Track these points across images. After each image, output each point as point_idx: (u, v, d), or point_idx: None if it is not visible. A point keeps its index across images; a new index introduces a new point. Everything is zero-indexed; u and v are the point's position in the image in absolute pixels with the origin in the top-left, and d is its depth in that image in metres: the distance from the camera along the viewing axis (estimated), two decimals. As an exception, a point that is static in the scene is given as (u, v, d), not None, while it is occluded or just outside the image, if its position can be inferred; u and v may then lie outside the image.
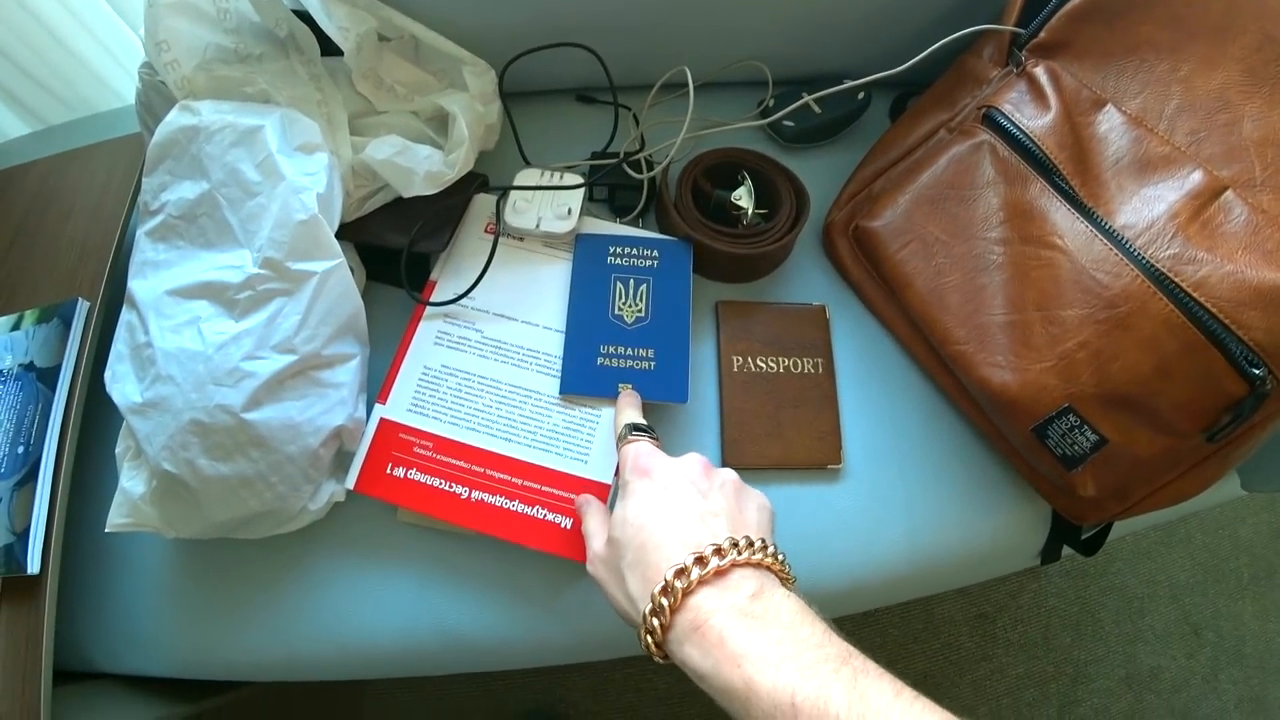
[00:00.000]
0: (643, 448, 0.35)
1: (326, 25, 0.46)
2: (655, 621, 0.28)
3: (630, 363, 0.47)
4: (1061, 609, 0.91)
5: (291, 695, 0.84)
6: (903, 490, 0.50)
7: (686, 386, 0.47)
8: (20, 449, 0.47)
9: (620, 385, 0.46)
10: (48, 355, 0.49)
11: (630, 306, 0.48)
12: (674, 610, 0.27)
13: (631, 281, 0.49)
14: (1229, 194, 0.41)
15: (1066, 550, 0.54)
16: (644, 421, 0.39)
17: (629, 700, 0.84)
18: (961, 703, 0.85)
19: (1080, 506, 0.47)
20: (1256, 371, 0.38)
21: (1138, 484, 0.45)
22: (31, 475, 0.45)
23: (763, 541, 0.30)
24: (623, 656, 0.49)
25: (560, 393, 0.46)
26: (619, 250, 0.50)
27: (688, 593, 0.27)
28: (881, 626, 0.88)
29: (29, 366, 0.49)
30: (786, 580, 0.30)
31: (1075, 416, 0.42)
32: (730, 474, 0.34)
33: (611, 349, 0.47)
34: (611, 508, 0.36)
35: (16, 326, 0.51)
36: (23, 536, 0.44)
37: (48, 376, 0.49)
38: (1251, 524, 0.98)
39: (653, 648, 0.28)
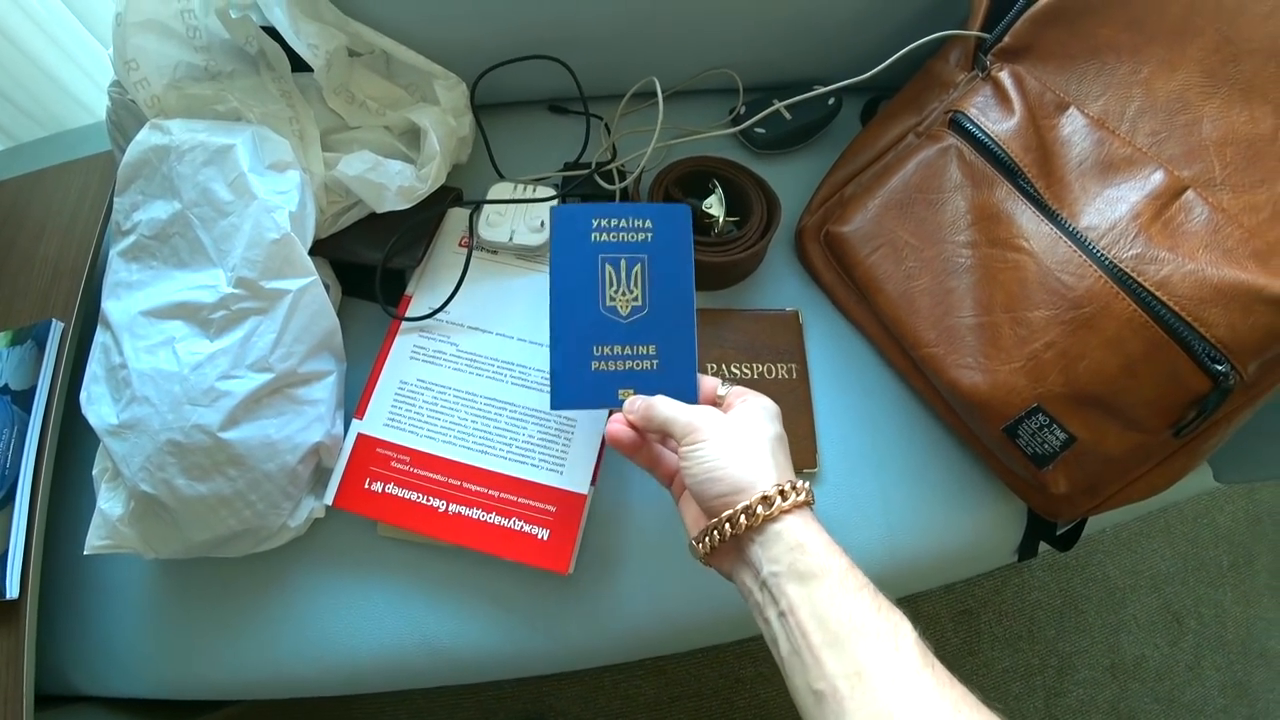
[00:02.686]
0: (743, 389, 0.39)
1: (295, 43, 0.46)
2: (780, 500, 0.32)
3: (630, 363, 0.40)
4: (1045, 602, 0.92)
5: (277, 713, 0.83)
6: (879, 492, 0.50)
7: (695, 385, 0.40)
8: (-4, 473, 0.46)
9: (621, 392, 0.40)
10: (22, 377, 0.49)
11: (624, 295, 0.41)
12: (782, 512, 0.32)
13: (623, 263, 0.41)
14: (1190, 193, 0.42)
15: (1045, 546, 0.54)
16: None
17: (617, 707, 0.84)
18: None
19: (1053, 503, 0.48)
20: (1220, 368, 0.39)
21: (1108, 480, 0.46)
22: (8, 499, 0.45)
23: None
24: (605, 665, 0.49)
25: (552, 408, 0.40)
26: (605, 223, 0.41)
27: (789, 510, 0.32)
28: (869, 624, 0.88)
29: (3, 390, 0.49)
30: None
31: (1044, 416, 0.43)
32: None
33: (607, 350, 0.40)
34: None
35: (-10, 349, 0.51)
36: (1, 560, 0.44)
37: (23, 399, 0.48)
38: (1229, 512, 1.00)
39: (743, 524, 0.32)
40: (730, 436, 0.34)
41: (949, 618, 0.90)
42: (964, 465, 0.52)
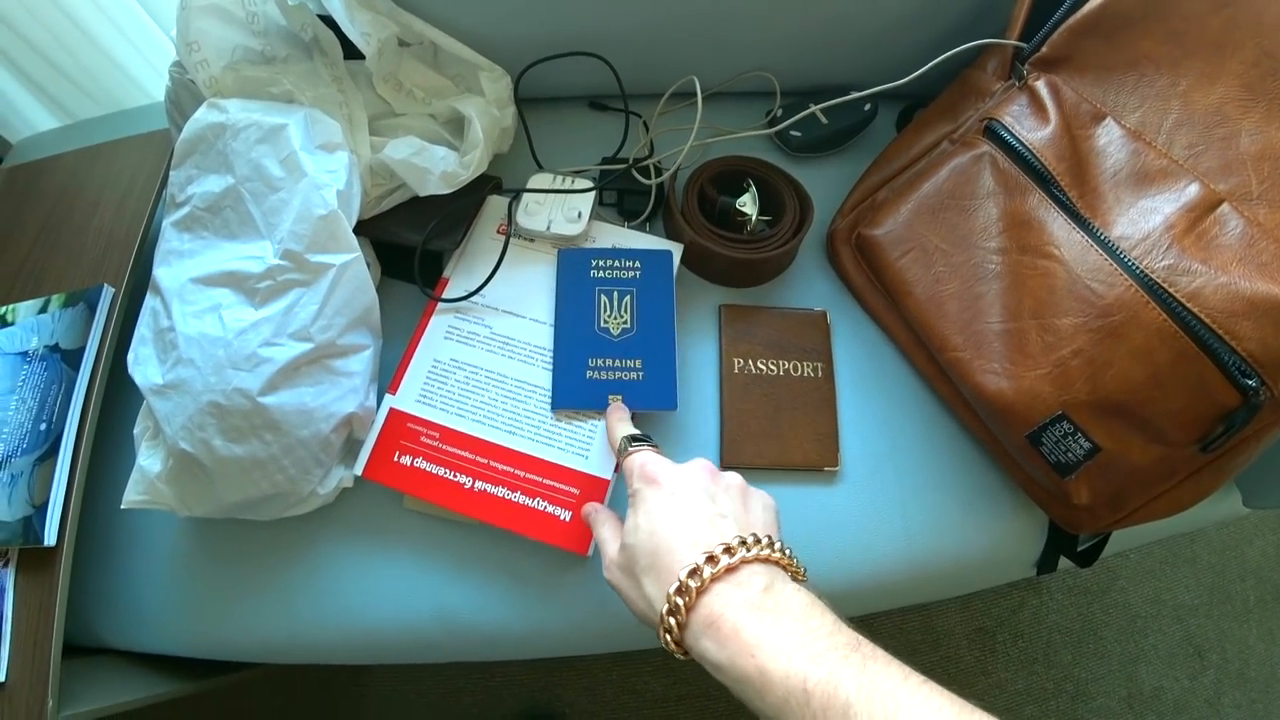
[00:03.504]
0: (648, 456, 0.36)
1: (350, 30, 0.48)
2: (672, 620, 0.29)
3: (619, 374, 0.47)
4: (1063, 625, 0.90)
5: (293, 686, 0.85)
6: (899, 495, 0.50)
7: (675, 394, 0.47)
8: (43, 426, 0.48)
9: (610, 396, 0.46)
10: (73, 338, 0.51)
11: (616, 318, 0.49)
12: (689, 608, 0.29)
13: (616, 293, 0.50)
14: (1225, 207, 0.42)
15: (1067, 564, 0.54)
16: (640, 432, 0.40)
17: (624, 701, 0.84)
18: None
19: (1075, 514, 0.47)
20: (1249, 382, 0.38)
21: (1132, 493, 0.45)
22: (52, 451, 0.47)
23: (769, 538, 0.31)
24: (618, 651, 0.50)
25: (552, 408, 0.47)
26: (602, 264, 0.51)
27: (701, 591, 0.28)
28: (880, 638, 0.87)
29: (54, 348, 0.51)
30: (796, 574, 0.31)
31: (1069, 424, 0.43)
32: (736, 477, 0.35)
33: (600, 361, 0.48)
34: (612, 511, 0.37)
35: (43, 310, 0.53)
36: (41, 509, 0.45)
37: (72, 358, 0.50)
38: (1259, 546, 0.97)
39: (671, 645, 0.30)
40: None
41: (964, 635, 0.89)
42: (986, 473, 0.52)
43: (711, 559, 0.29)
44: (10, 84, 0.72)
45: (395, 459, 0.46)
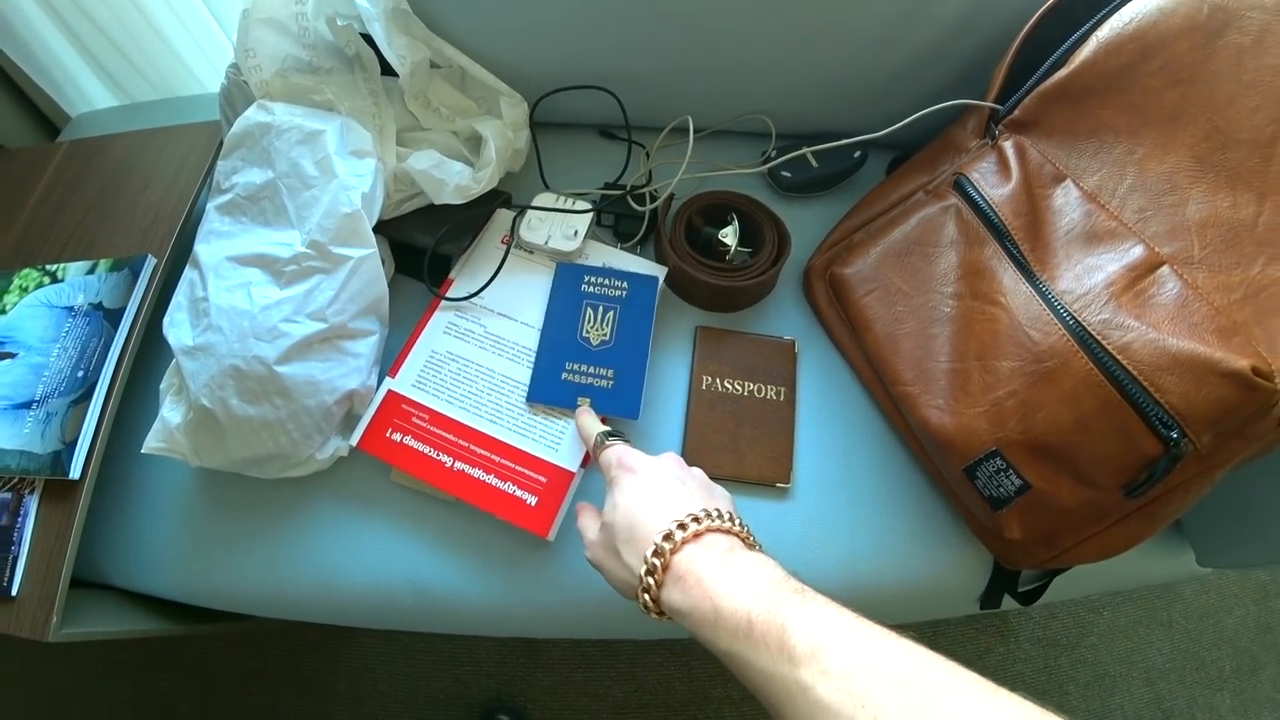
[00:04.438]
0: (623, 449, 0.41)
1: (387, 52, 0.54)
2: (650, 580, 0.33)
3: (591, 379, 0.52)
4: (1029, 676, 0.91)
5: (267, 652, 0.89)
6: (848, 516, 0.53)
7: (639, 404, 0.51)
8: (80, 373, 0.54)
9: (579, 398, 0.51)
10: (115, 299, 0.57)
11: (597, 330, 0.53)
12: (665, 568, 0.33)
13: (601, 308, 0.54)
14: (1165, 269, 0.45)
15: (1036, 609, 0.56)
16: (612, 429, 0.45)
17: (585, 704, 0.86)
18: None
19: (1010, 549, 0.50)
20: (1171, 433, 0.41)
21: (1063, 533, 0.48)
22: (86, 396, 0.53)
23: (730, 514, 0.35)
24: (572, 638, 0.53)
25: (527, 400, 0.51)
26: (593, 280, 0.55)
27: (674, 552, 0.33)
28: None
29: (98, 306, 0.58)
30: (751, 545, 0.35)
31: (1001, 460, 0.46)
32: (700, 471, 0.41)
33: (576, 366, 0.52)
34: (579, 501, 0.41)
35: (91, 271, 0.60)
36: (70, 446, 0.51)
37: (113, 316, 0.57)
38: (1238, 615, 0.97)
39: (650, 602, 0.34)
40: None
41: (924, 673, 0.89)
42: (933, 505, 0.54)
43: (681, 525, 0.33)
44: (74, 59, 0.78)
45: (387, 435, 0.50)
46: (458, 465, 0.49)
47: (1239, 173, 0.45)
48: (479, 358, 0.53)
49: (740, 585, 0.30)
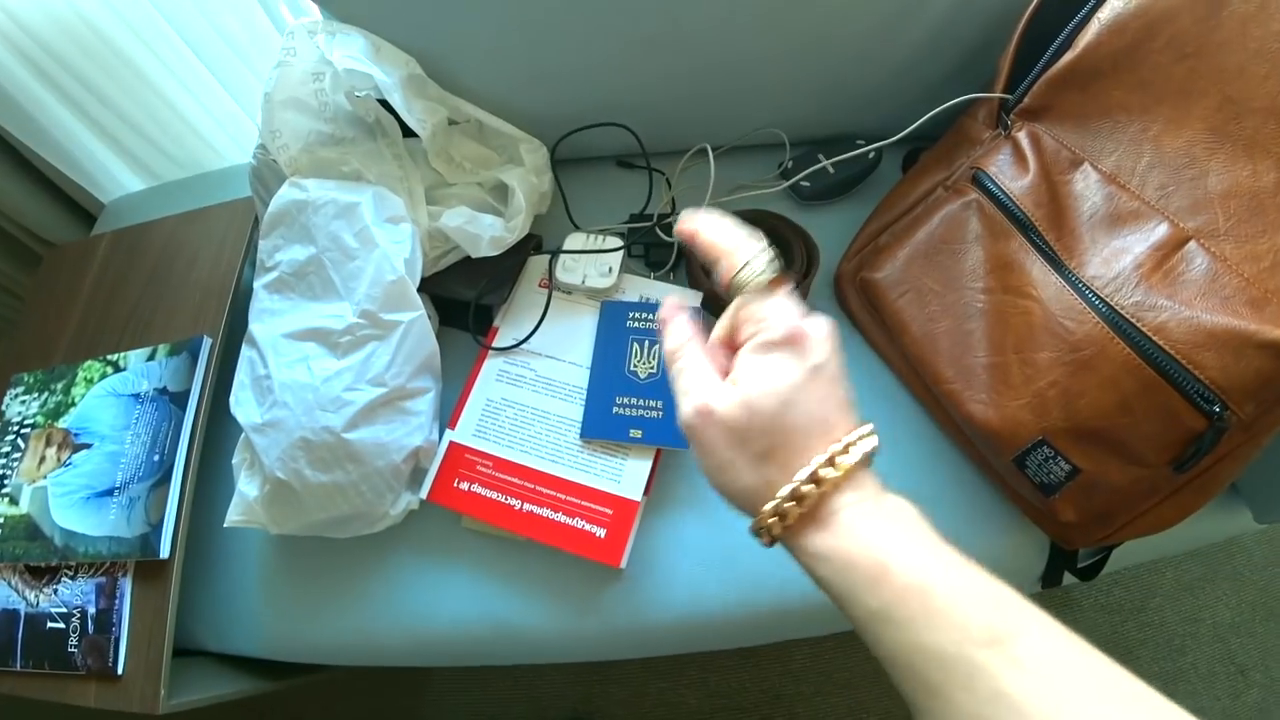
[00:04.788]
0: (784, 307, 0.30)
1: (408, 118, 0.56)
2: (791, 506, 0.27)
3: (641, 411, 0.53)
4: (1098, 644, 0.90)
5: (352, 692, 0.92)
6: (904, 512, 0.55)
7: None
8: (156, 457, 0.57)
9: (630, 430, 0.52)
10: (178, 381, 0.60)
11: (644, 364, 0.55)
12: (818, 500, 0.27)
13: (647, 342, 0.56)
14: (1192, 244, 0.45)
15: (1094, 581, 0.56)
16: (769, 248, 0.32)
17: (660, 714, 0.89)
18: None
19: (1065, 531, 0.51)
20: (1214, 408, 0.42)
21: (1116, 511, 0.49)
22: (165, 479, 0.56)
23: (863, 422, 0.30)
24: (646, 657, 0.55)
25: (580, 437, 0.53)
26: (637, 316, 0.58)
27: (836, 484, 0.27)
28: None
29: (163, 391, 0.61)
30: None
31: (1049, 448, 0.47)
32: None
33: (626, 400, 0.54)
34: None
35: (151, 357, 0.63)
36: (157, 527, 0.54)
37: (179, 399, 0.60)
38: (1306, 561, 0.96)
39: (775, 526, 0.28)
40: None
41: (989, 652, 0.90)
42: (984, 494, 0.56)
43: (846, 450, 0.28)
44: (102, 150, 0.82)
45: (455, 485, 0.53)
46: (526, 507, 0.52)
47: (1256, 141, 0.45)
48: (532, 400, 0.56)
49: (907, 545, 0.26)
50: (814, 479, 0.27)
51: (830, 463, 0.27)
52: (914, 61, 0.61)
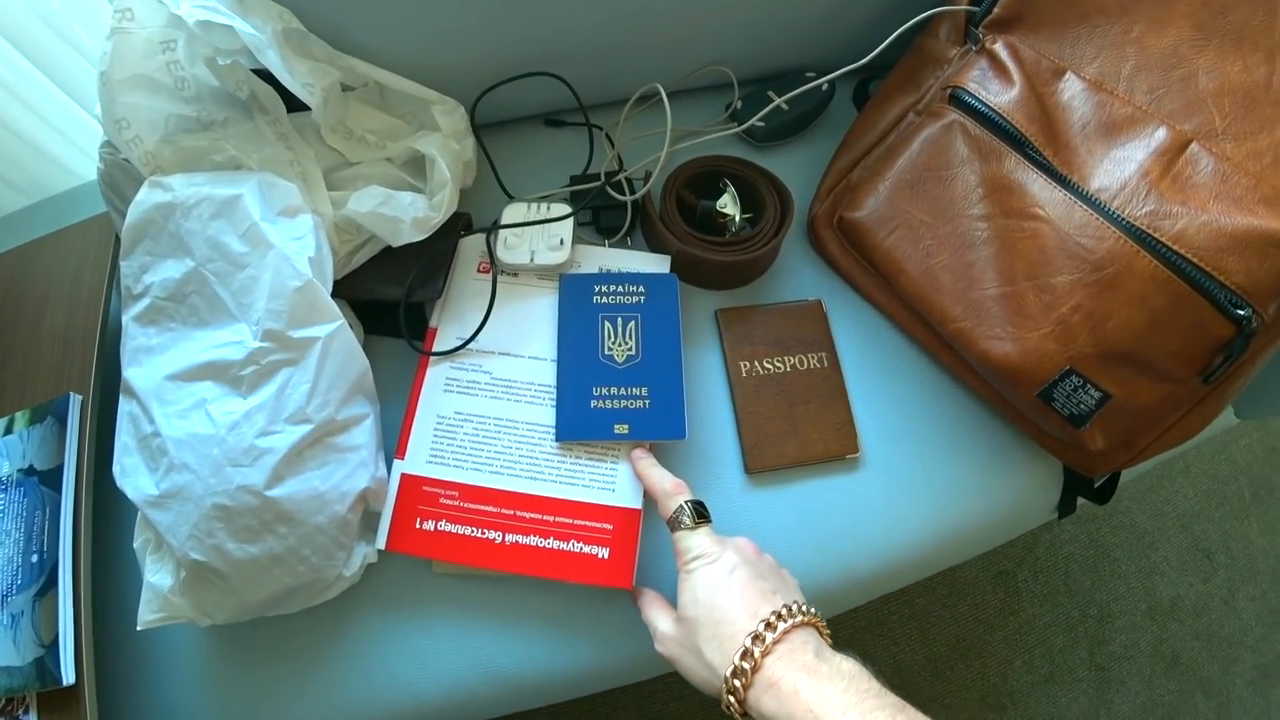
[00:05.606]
0: (703, 537, 0.38)
1: (290, 83, 0.45)
2: (737, 683, 0.32)
3: (625, 402, 0.46)
4: (1077, 554, 0.93)
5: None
6: (921, 469, 0.51)
7: (684, 423, 0.46)
8: (34, 557, 0.45)
9: (616, 426, 0.45)
10: (46, 456, 0.48)
11: (620, 345, 0.48)
12: (755, 670, 0.32)
13: (620, 320, 0.49)
14: (1194, 146, 0.43)
15: (1081, 501, 0.55)
16: (696, 498, 0.40)
17: (674, 710, 0.84)
18: (996, 658, 0.87)
19: (1091, 460, 0.49)
20: (1242, 313, 0.40)
21: (1143, 431, 0.47)
22: (51, 583, 0.44)
23: (805, 604, 0.35)
24: (665, 673, 0.49)
25: (556, 439, 0.46)
26: (604, 289, 0.49)
27: (765, 654, 0.32)
28: (908, 598, 0.90)
29: (29, 471, 0.48)
30: (825, 634, 0.35)
31: (1078, 377, 0.43)
32: (770, 556, 0.40)
33: (605, 390, 0.46)
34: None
35: (9, 430, 0.50)
36: (52, 648, 0.43)
37: (50, 478, 0.47)
38: (1245, 445, 1.02)
39: (734, 704, 0.33)
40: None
41: (987, 580, 0.91)
42: (998, 433, 0.52)
43: (769, 625, 0.33)
44: None
45: (417, 525, 0.44)
46: (509, 538, 0.43)
47: (1244, 34, 0.44)
48: (493, 409, 0.47)
49: (841, 699, 0.30)
50: (746, 655, 0.32)
51: (758, 638, 0.33)
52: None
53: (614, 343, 0.48)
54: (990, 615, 0.90)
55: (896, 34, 0.51)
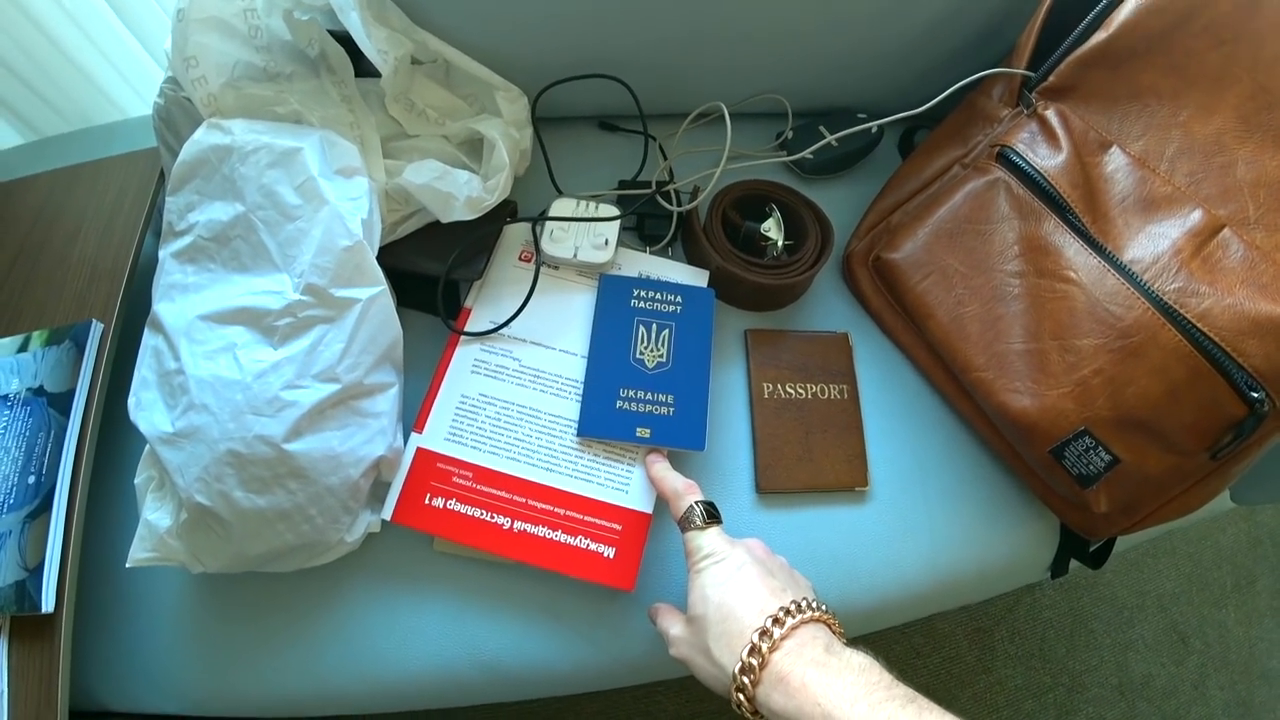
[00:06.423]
0: (714, 536, 0.38)
1: (367, 47, 0.46)
2: (746, 679, 0.32)
3: (649, 407, 0.46)
4: (1056, 621, 0.94)
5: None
6: (925, 510, 0.51)
7: (704, 434, 0.46)
8: (31, 479, 0.45)
9: (638, 429, 0.45)
10: (59, 379, 0.48)
11: (651, 351, 0.48)
12: (763, 666, 0.31)
13: (654, 326, 0.49)
14: (1226, 231, 0.44)
15: (1086, 567, 0.56)
16: (707, 499, 0.40)
17: (638, 721, 0.83)
18: (963, 715, 0.87)
19: (1092, 522, 0.49)
20: (1256, 395, 0.41)
21: (1146, 499, 0.47)
22: (44, 507, 0.44)
23: (817, 601, 0.35)
24: (658, 680, 0.49)
25: (578, 434, 0.46)
26: (642, 294, 0.50)
27: (773, 650, 0.32)
28: (885, 643, 0.89)
29: (38, 391, 0.47)
30: (838, 631, 0.35)
31: (1091, 438, 0.44)
32: (783, 558, 0.40)
33: (631, 392, 0.47)
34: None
35: (23, 348, 0.49)
36: (36, 572, 0.42)
37: (60, 402, 0.47)
38: (1231, 533, 1.03)
39: (744, 702, 0.32)
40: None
41: (964, 635, 0.91)
42: (1004, 485, 0.53)
43: (777, 621, 0.33)
44: None
45: (426, 501, 0.44)
46: (518, 526, 0.43)
47: None
48: (518, 396, 0.47)
49: (851, 693, 0.30)
50: (754, 651, 0.32)
51: (766, 634, 0.32)
52: (928, 35, 0.57)
53: (646, 347, 0.48)
54: (963, 671, 0.90)
55: (953, 89, 0.53)
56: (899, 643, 0.89)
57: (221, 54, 0.46)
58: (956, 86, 0.53)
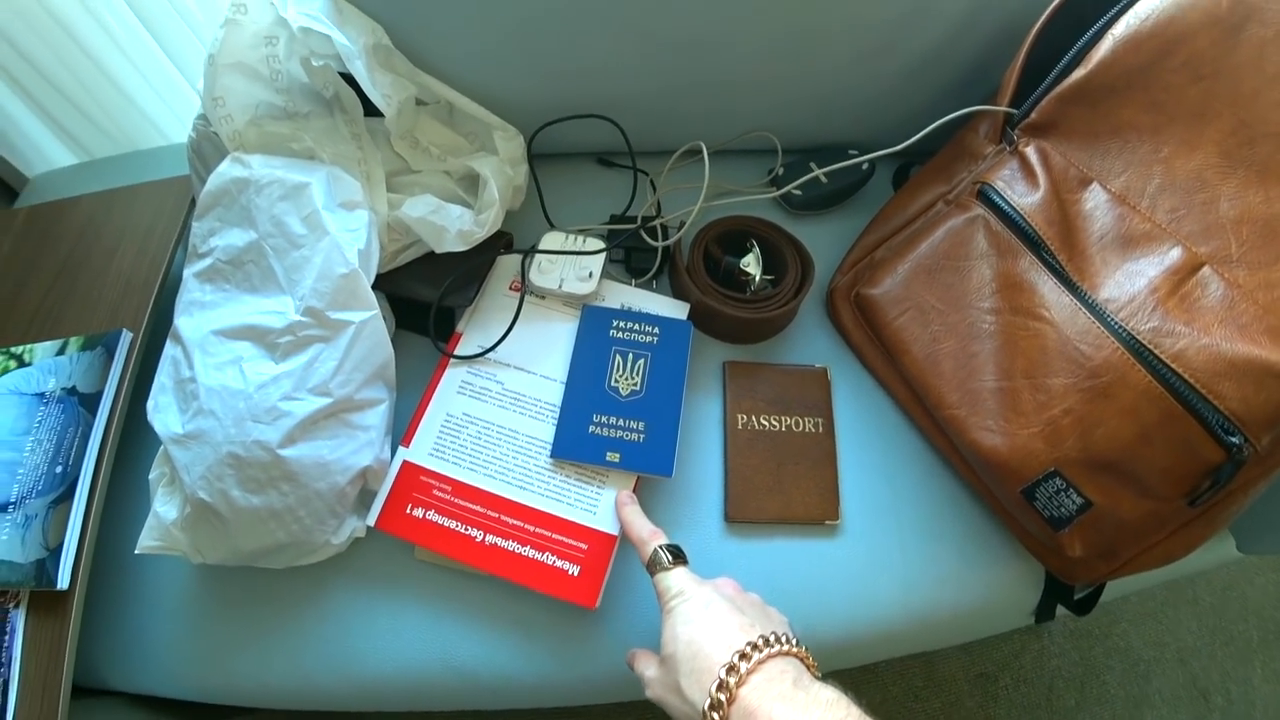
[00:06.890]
0: (680, 575, 0.39)
1: (371, 92, 0.50)
2: (715, 715, 0.31)
3: (620, 433, 0.48)
4: (1065, 670, 0.90)
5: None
6: (898, 546, 0.51)
7: (672, 461, 0.48)
8: (59, 468, 0.49)
9: (608, 453, 0.47)
10: (90, 381, 0.52)
11: (626, 379, 0.50)
12: (730, 702, 0.31)
13: (630, 355, 0.51)
14: (1206, 269, 0.43)
15: (1063, 611, 0.55)
16: (672, 543, 0.41)
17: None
18: (961, 763, 0.84)
19: (1070, 566, 0.48)
20: (1233, 439, 0.40)
21: (1124, 545, 0.47)
22: (68, 495, 0.48)
23: (789, 636, 0.35)
24: (618, 702, 0.50)
25: (550, 456, 0.48)
26: (621, 324, 0.52)
27: (739, 684, 0.31)
28: (882, 684, 0.87)
29: (71, 390, 0.52)
30: (811, 666, 0.34)
31: (1061, 480, 0.44)
32: (755, 595, 0.40)
33: (604, 418, 0.49)
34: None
35: (61, 352, 0.54)
36: (55, 552, 0.46)
37: (89, 401, 0.51)
38: (1259, 585, 0.98)
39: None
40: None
41: (966, 680, 0.88)
42: (982, 525, 0.53)
43: (744, 656, 0.32)
44: (29, 119, 0.74)
45: (408, 511, 0.47)
46: (489, 539, 0.46)
47: (1269, 167, 0.44)
48: (499, 418, 0.50)
49: None
50: (722, 687, 0.32)
51: (733, 669, 0.32)
52: (916, 73, 0.59)
53: (621, 375, 0.50)
54: (962, 717, 0.87)
55: (931, 127, 0.54)
56: (895, 684, 0.87)
57: (246, 94, 0.51)
58: (937, 124, 0.54)
